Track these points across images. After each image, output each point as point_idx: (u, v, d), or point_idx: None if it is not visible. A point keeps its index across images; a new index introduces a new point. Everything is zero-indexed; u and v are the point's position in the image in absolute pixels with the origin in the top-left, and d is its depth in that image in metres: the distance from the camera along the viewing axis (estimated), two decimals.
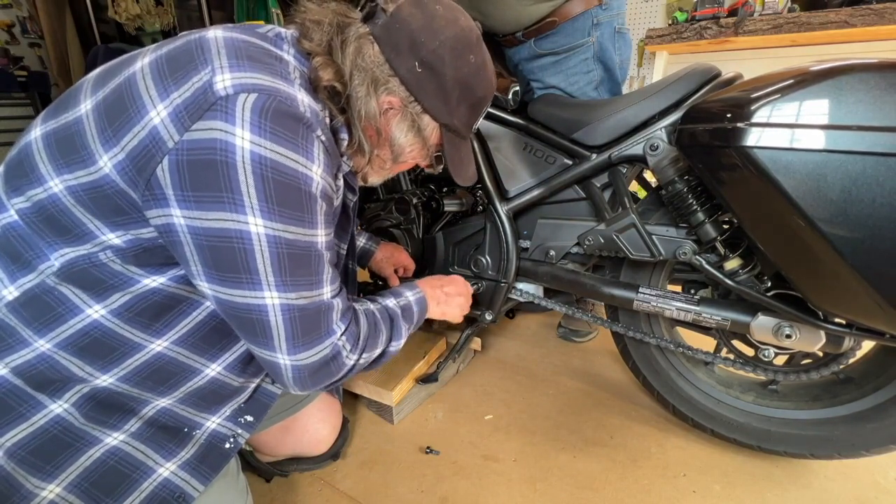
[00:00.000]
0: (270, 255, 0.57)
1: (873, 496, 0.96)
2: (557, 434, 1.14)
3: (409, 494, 0.98)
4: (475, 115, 0.74)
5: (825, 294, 0.75)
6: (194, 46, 0.56)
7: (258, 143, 0.53)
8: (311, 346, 0.64)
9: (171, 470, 0.69)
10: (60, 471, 0.62)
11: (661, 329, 1.10)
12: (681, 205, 0.92)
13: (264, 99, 0.54)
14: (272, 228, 0.56)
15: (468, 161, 0.79)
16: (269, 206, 0.55)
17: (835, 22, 2.00)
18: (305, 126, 0.57)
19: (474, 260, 1.21)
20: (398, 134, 0.70)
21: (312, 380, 0.67)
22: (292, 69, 0.60)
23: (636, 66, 2.80)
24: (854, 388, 0.94)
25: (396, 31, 0.63)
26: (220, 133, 0.52)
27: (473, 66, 0.68)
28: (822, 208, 0.65)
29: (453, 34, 0.65)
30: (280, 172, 0.55)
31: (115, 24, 4.37)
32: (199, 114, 0.52)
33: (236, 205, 0.54)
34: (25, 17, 4.25)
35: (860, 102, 0.62)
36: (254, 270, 0.57)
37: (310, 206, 0.59)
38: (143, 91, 0.54)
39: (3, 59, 4.05)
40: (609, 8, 1.10)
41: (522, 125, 1.13)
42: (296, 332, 0.62)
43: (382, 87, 0.65)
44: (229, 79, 0.53)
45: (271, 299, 0.59)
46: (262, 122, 0.53)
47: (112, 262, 0.59)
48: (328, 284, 0.66)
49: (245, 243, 0.56)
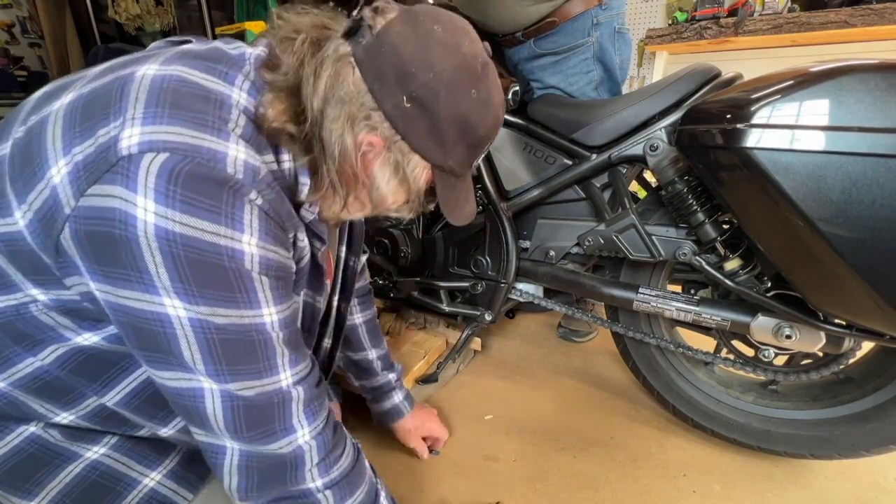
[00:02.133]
0: (198, 342, 0.49)
1: (873, 496, 0.96)
2: (557, 434, 1.14)
3: (409, 494, 0.98)
4: (475, 154, 0.62)
5: (825, 295, 0.75)
6: (116, 88, 0.48)
7: (164, 214, 0.44)
8: (263, 440, 0.55)
9: (157, 480, 0.66)
10: (41, 488, 0.59)
11: (661, 329, 1.10)
12: (681, 205, 0.92)
13: (177, 160, 0.45)
14: (195, 312, 0.48)
15: (465, 200, 0.67)
16: (187, 288, 0.47)
17: (835, 22, 2.00)
18: (232, 190, 0.47)
19: (474, 260, 1.21)
20: (379, 179, 0.58)
21: (260, 479, 0.57)
22: (236, 114, 0.50)
23: (636, 66, 2.80)
24: (854, 388, 0.94)
25: (382, 57, 0.52)
26: (118, 202, 0.44)
27: (476, 102, 0.56)
28: (822, 209, 0.65)
29: (452, 65, 0.53)
30: (195, 249, 0.46)
31: (115, 24, 4.37)
32: (96, 175, 0.44)
33: (146, 285, 0.46)
34: (25, 17, 4.25)
35: (860, 103, 0.62)
36: (179, 355, 0.49)
37: (242, 285, 0.50)
38: (49, 141, 0.47)
39: (3, 59, 4.05)
40: (609, 8, 1.10)
41: (522, 125, 1.13)
42: (239, 424, 0.53)
43: (363, 124, 0.54)
44: (137, 135, 0.45)
45: (208, 386, 0.51)
46: (170, 188, 0.44)
47: (43, 315, 0.53)
48: (286, 369, 0.56)
49: (166, 327, 0.48)
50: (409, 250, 1.31)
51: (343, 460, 0.63)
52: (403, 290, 1.34)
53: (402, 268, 1.35)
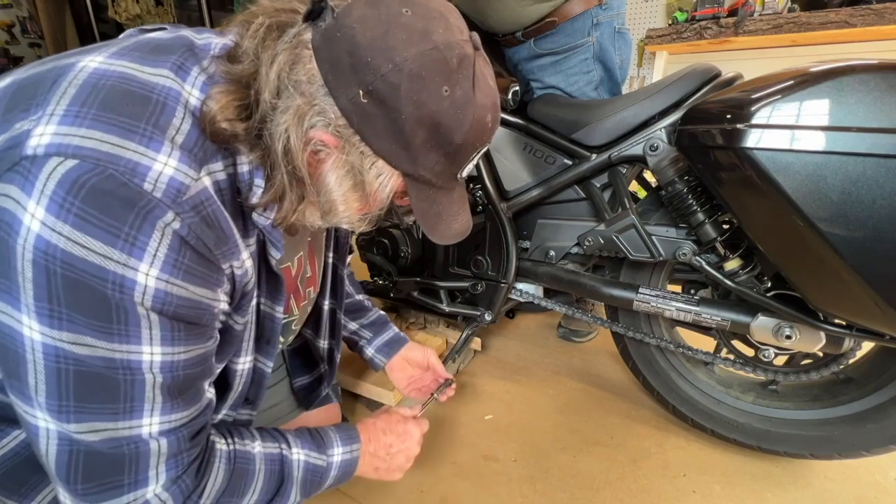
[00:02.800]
0: (46, 370, 0.43)
1: (873, 496, 0.96)
2: (557, 434, 1.14)
3: (409, 494, 0.98)
4: (457, 163, 0.53)
5: (825, 295, 0.75)
6: (49, 78, 0.44)
7: (53, 226, 0.40)
8: (100, 496, 0.47)
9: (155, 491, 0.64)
10: (36, 493, 0.56)
11: (661, 329, 1.10)
12: (680, 205, 0.92)
13: (84, 169, 0.40)
14: (52, 338, 0.42)
15: (450, 215, 0.57)
16: (51, 309, 0.41)
17: (835, 22, 2.00)
18: (142, 211, 0.42)
19: (474, 260, 1.21)
20: (330, 183, 0.51)
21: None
22: (179, 117, 0.46)
23: (636, 66, 2.80)
24: (854, 388, 0.94)
25: (337, 43, 0.45)
26: (10, 202, 0.40)
27: (448, 102, 0.47)
28: (822, 209, 0.65)
29: (418, 53, 0.45)
30: (76, 269, 0.41)
31: (115, 24, 4.37)
32: None
33: (12, 297, 0.42)
34: (25, 17, 4.25)
35: (860, 104, 0.62)
36: (24, 381, 0.44)
37: (123, 317, 0.43)
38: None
39: (3, 59, 4.05)
40: (609, 8, 1.11)
41: (522, 125, 1.13)
42: (73, 474, 0.46)
43: (316, 118, 0.47)
44: (50, 134, 0.41)
45: (44, 422, 0.44)
46: (67, 199, 0.40)
47: None
48: (151, 415, 0.47)
49: (17, 347, 0.43)
50: (408, 250, 1.31)
51: (211, 486, 0.54)
52: (403, 290, 1.34)
53: (402, 268, 1.35)
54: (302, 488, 0.63)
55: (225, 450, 0.58)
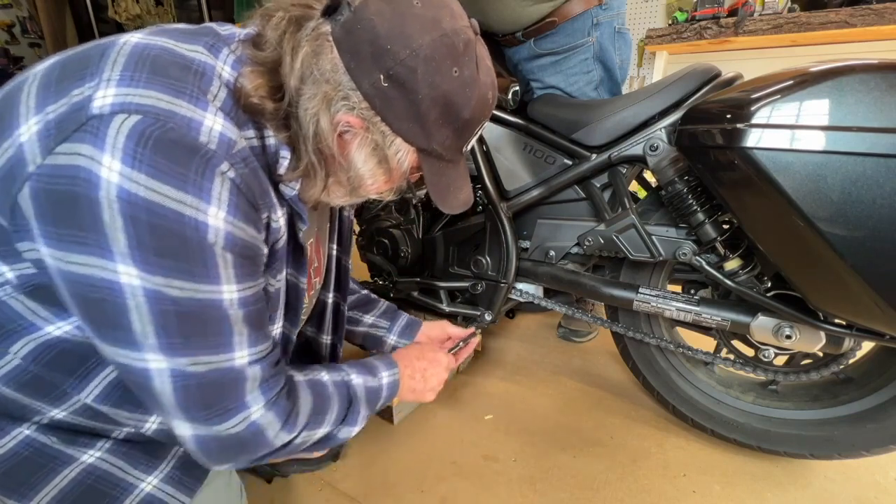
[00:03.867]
0: (151, 312, 0.47)
1: (873, 496, 0.96)
2: (557, 434, 1.14)
3: (409, 494, 0.98)
4: (463, 138, 0.59)
5: (825, 295, 0.75)
6: (96, 53, 0.48)
7: (130, 176, 0.43)
8: (216, 420, 0.54)
9: (154, 485, 0.64)
10: (35, 492, 0.57)
11: (661, 329, 1.10)
12: (681, 205, 0.92)
13: (148, 123, 0.44)
14: (151, 282, 0.46)
15: (457, 187, 0.64)
16: (144, 255, 0.45)
17: (835, 22, 2.00)
18: (202, 159, 0.46)
19: (474, 260, 1.21)
20: (357, 160, 0.57)
21: (223, 454, 0.57)
22: (216, 86, 0.50)
23: (636, 66, 2.80)
24: (854, 388, 0.94)
25: (358, 34, 0.50)
26: (84, 160, 0.43)
27: (458, 82, 0.53)
28: (822, 209, 0.65)
29: (431, 40, 0.51)
30: (157, 215, 0.45)
31: (115, 24, 4.37)
32: (65, 134, 0.44)
33: (103, 249, 0.45)
34: (25, 17, 4.25)
35: (860, 103, 0.62)
36: (129, 328, 0.47)
37: (202, 258, 0.48)
38: (22, 100, 0.46)
39: (3, 59, 4.05)
40: (609, 8, 1.10)
41: (522, 125, 1.13)
42: (190, 402, 0.52)
43: (341, 103, 0.52)
44: (111, 95, 0.44)
45: (156, 363, 0.49)
46: (138, 150, 0.43)
47: (12, 300, 0.51)
48: (242, 348, 0.54)
49: (117, 296, 0.46)
50: (409, 250, 1.31)
51: (303, 408, 0.63)
52: (403, 290, 1.34)
53: (402, 268, 1.35)
54: (366, 406, 0.73)
55: (303, 380, 0.66)
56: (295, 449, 0.64)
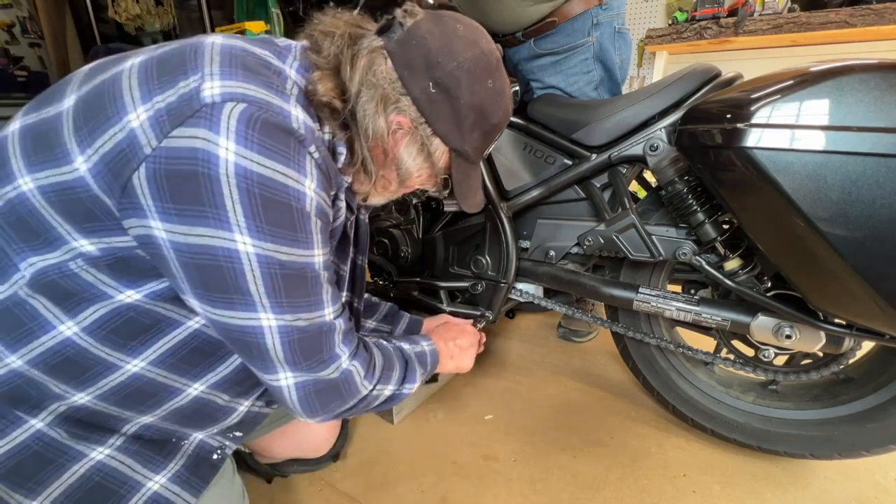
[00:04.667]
0: (262, 276, 0.54)
1: (873, 496, 0.96)
2: (557, 434, 1.14)
3: (409, 494, 0.98)
4: (488, 142, 0.70)
5: (825, 295, 0.75)
6: (189, 51, 0.53)
7: (244, 154, 0.50)
8: (315, 368, 0.62)
9: (161, 483, 0.66)
10: (43, 487, 0.59)
11: (661, 329, 1.10)
12: (680, 205, 0.92)
13: (253, 110, 0.51)
14: (262, 248, 0.53)
15: (476, 188, 0.75)
16: (258, 225, 0.52)
17: (835, 22, 2.00)
18: (297, 140, 0.54)
19: (474, 260, 1.21)
20: (406, 156, 0.66)
21: (321, 402, 0.64)
22: (290, 84, 0.57)
23: (636, 66, 2.80)
24: (854, 388, 0.94)
25: (412, 49, 0.60)
26: (202, 142, 0.49)
27: (491, 92, 0.64)
28: (822, 209, 0.65)
29: (472, 56, 0.61)
30: (268, 188, 0.51)
31: (115, 23, 4.37)
32: (180, 119, 0.49)
33: (221, 221, 0.50)
34: (25, 17, 4.25)
35: (860, 103, 0.62)
36: (245, 291, 0.54)
37: (303, 225, 0.55)
38: (125, 91, 0.51)
39: (3, 59, 4.05)
40: (609, 8, 1.10)
41: (522, 125, 1.13)
42: (296, 355, 0.60)
43: (392, 106, 0.61)
44: (218, 86, 0.50)
45: (267, 321, 0.56)
46: (249, 132, 0.50)
47: (84, 272, 0.55)
48: (329, 305, 0.62)
49: (234, 262, 0.52)
50: (409, 250, 1.31)
51: (378, 361, 0.72)
52: (403, 290, 1.34)
53: (402, 268, 1.35)
54: (420, 365, 0.81)
55: (371, 341, 0.75)
56: (371, 402, 0.71)
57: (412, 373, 0.79)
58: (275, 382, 0.61)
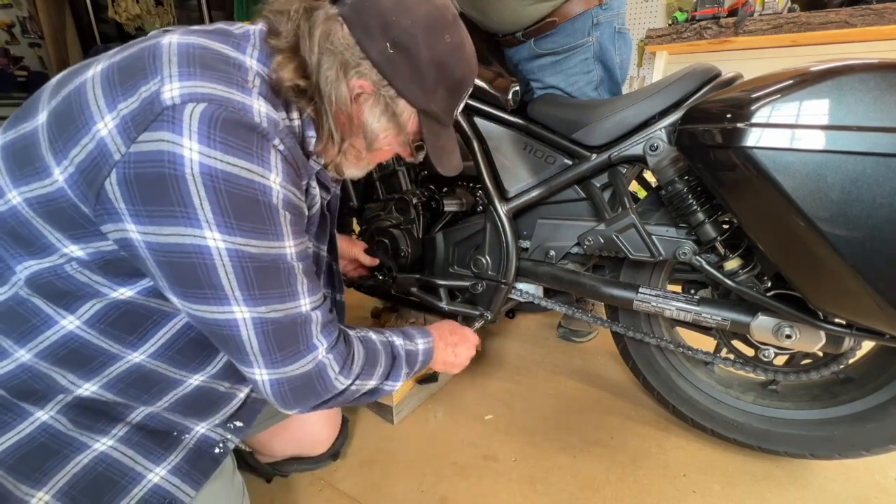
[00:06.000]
0: (234, 269, 0.55)
1: (873, 496, 0.96)
2: (557, 434, 1.14)
3: (409, 494, 0.98)
4: (455, 99, 0.70)
5: (825, 294, 0.75)
6: (147, 54, 0.54)
7: (207, 154, 0.51)
8: (290, 361, 0.62)
9: (162, 475, 0.68)
10: (48, 478, 0.61)
11: (661, 329, 1.10)
12: (681, 205, 0.92)
13: (214, 108, 0.51)
14: (232, 243, 0.54)
15: (451, 149, 0.74)
16: (226, 220, 0.53)
17: (835, 22, 2.01)
18: (260, 135, 0.54)
19: (474, 260, 1.21)
20: (371, 119, 0.66)
21: (294, 396, 0.65)
22: (252, 76, 0.58)
23: (636, 66, 2.80)
24: (854, 388, 0.94)
25: (366, 11, 0.60)
26: (167, 144, 0.50)
27: (449, 46, 0.64)
28: (822, 209, 0.65)
29: (426, 12, 0.61)
30: (234, 184, 0.52)
31: (115, 23, 4.38)
32: (144, 125, 0.50)
33: (191, 219, 0.52)
34: (25, 17, 4.25)
35: (860, 103, 0.62)
36: (218, 286, 0.55)
37: (271, 217, 0.56)
38: (91, 101, 0.52)
39: (3, 59, 4.06)
40: (609, 8, 1.10)
41: (522, 125, 1.13)
42: (270, 346, 0.60)
43: (353, 71, 0.61)
44: (178, 88, 0.51)
45: (241, 314, 0.57)
46: (211, 131, 0.51)
47: (78, 274, 0.57)
48: (305, 296, 0.63)
49: (206, 258, 0.53)
50: (409, 250, 1.31)
51: (358, 355, 0.71)
52: (403, 285, 1.34)
53: (403, 268, 1.35)
54: (407, 365, 0.81)
55: (354, 334, 0.74)
56: (350, 396, 0.71)
57: (397, 371, 0.78)
58: (251, 376, 0.62)
